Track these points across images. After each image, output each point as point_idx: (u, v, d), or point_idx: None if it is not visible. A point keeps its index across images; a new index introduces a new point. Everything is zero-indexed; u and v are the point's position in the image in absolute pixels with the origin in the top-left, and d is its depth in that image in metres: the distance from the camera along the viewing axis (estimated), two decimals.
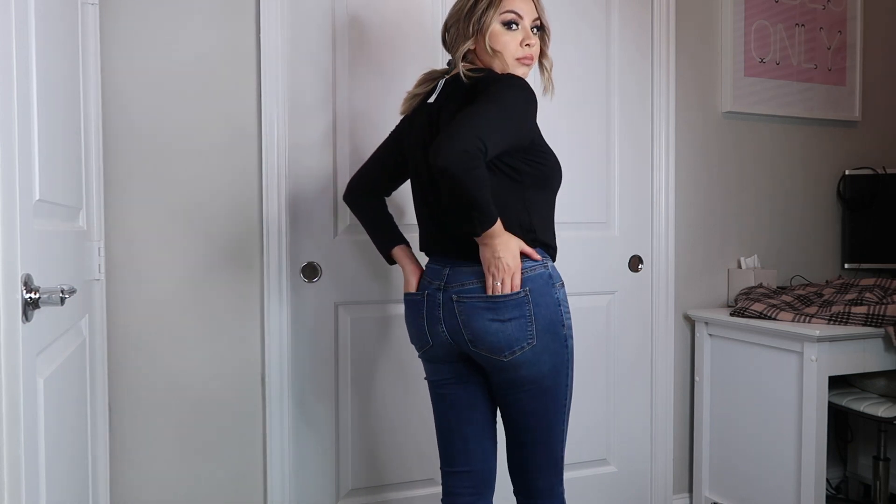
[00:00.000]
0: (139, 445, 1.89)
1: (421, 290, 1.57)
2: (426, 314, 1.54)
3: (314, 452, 2.08)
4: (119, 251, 1.85)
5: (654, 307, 2.46)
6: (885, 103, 2.83)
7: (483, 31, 1.48)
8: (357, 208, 1.76)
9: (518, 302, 1.43)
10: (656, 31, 2.42)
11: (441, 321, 1.51)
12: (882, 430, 2.37)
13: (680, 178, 2.48)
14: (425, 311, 1.54)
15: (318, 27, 2.04)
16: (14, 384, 0.96)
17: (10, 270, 0.95)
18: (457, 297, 1.48)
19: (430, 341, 1.55)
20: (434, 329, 1.53)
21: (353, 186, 1.75)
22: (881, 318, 2.09)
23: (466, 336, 1.48)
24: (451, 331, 1.50)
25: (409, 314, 1.61)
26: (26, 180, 1.05)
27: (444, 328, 1.51)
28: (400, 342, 2.15)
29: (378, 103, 2.10)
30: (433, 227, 1.57)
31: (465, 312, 1.47)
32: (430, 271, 1.57)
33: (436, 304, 1.52)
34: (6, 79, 0.97)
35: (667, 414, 2.49)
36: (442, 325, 1.51)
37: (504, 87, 1.39)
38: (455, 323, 1.49)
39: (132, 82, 1.86)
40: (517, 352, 1.44)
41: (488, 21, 1.48)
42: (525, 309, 1.44)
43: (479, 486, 1.63)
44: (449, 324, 1.50)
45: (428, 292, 1.54)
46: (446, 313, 1.50)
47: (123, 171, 1.85)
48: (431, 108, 1.54)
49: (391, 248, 1.69)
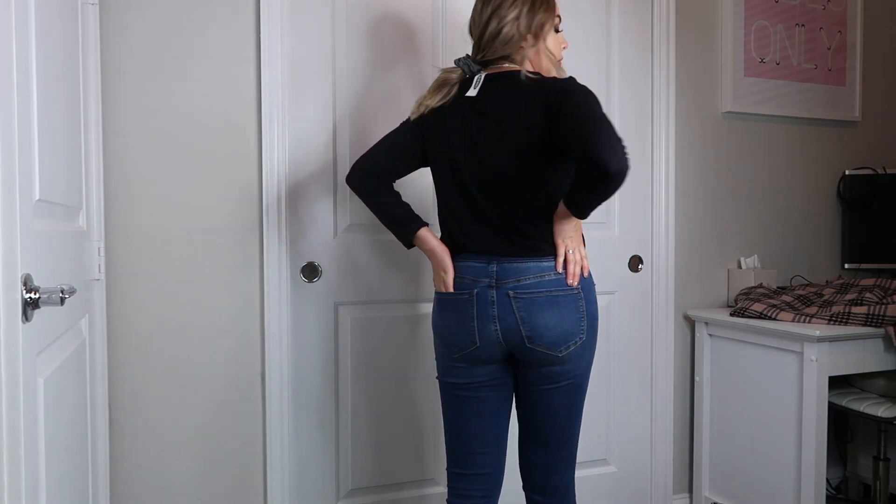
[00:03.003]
0: (139, 445, 1.89)
1: (465, 289, 1.52)
2: (477, 314, 1.50)
3: (314, 452, 2.08)
4: (119, 251, 1.85)
5: (654, 307, 2.46)
6: (885, 103, 2.83)
7: (542, 34, 1.53)
8: (364, 190, 1.62)
9: (574, 297, 1.50)
10: (656, 31, 2.42)
11: (495, 319, 1.49)
12: (882, 430, 2.37)
13: (680, 178, 2.48)
14: (476, 310, 1.50)
15: (319, 26, 2.04)
16: (14, 384, 0.96)
17: (10, 270, 0.95)
18: (514, 294, 1.48)
19: (476, 342, 1.51)
20: (486, 328, 1.50)
21: (360, 166, 1.63)
22: (881, 318, 2.09)
23: (524, 332, 1.48)
24: (505, 329, 1.49)
25: (451, 315, 1.54)
26: (26, 180, 1.05)
27: (498, 326, 1.49)
28: (400, 342, 2.15)
29: (379, 105, 2.10)
30: (473, 223, 1.53)
31: (524, 308, 1.48)
32: (468, 269, 1.53)
33: (488, 303, 1.50)
34: (6, 79, 0.97)
35: (667, 414, 2.49)
36: (495, 324, 1.49)
37: (589, 95, 1.42)
38: (512, 320, 1.48)
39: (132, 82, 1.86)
40: (571, 346, 1.49)
41: (548, 25, 1.54)
42: (579, 304, 1.50)
43: (491, 488, 1.63)
44: (504, 321, 1.49)
45: (477, 290, 1.50)
46: (502, 311, 1.49)
47: (123, 171, 1.85)
48: (475, 102, 1.53)
49: (417, 230, 1.59)
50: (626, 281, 2.43)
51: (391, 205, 1.62)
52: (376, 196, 1.62)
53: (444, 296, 1.57)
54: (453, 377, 1.59)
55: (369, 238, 2.10)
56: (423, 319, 2.17)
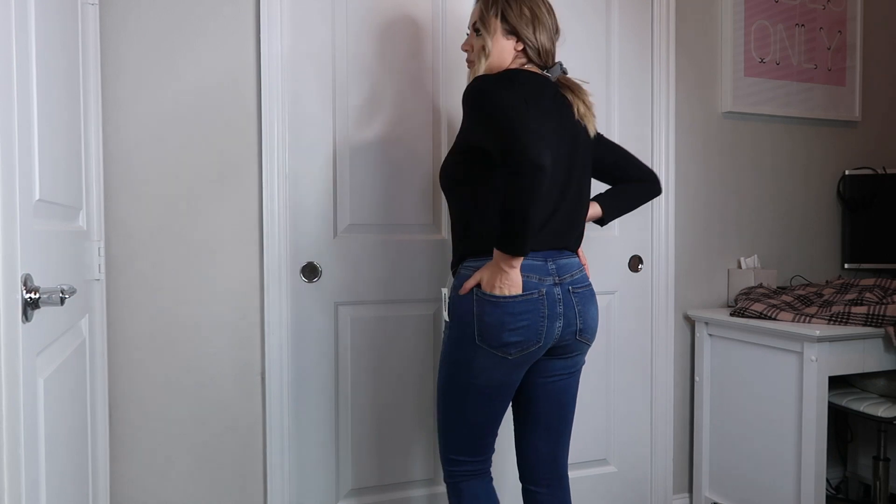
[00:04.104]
0: (139, 445, 1.89)
1: (532, 289, 1.50)
2: (548, 313, 1.51)
3: (314, 452, 2.08)
4: (119, 251, 1.85)
5: (654, 307, 2.46)
6: (885, 103, 2.83)
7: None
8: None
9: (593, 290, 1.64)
10: (656, 31, 2.42)
11: (560, 316, 1.52)
12: (882, 430, 2.37)
13: (680, 178, 2.48)
14: (546, 309, 1.51)
15: (319, 25, 2.04)
16: (14, 384, 0.96)
17: (10, 270, 0.95)
18: (573, 289, 1.55)
19: (540, 341, 1.51)
20: (552, 326, 1.51)
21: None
22: (881, 318, 2.09)
23: (579, 325, 1.56)
24: (566, 324, 1.53)
25: (522, 317, 1.48)
26: (26, 180, 1.05)
27: (561, 323, 1.53)
28: (400, 342, 2.15)
29: (378, 103, 2.10)
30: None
31: (581, 303, 1.56)
32: (530, 267, 1.50)
33: (555, 300, 1.52)
34: (6, 79, 0.97)
35: (667, 414, 2.49)
36: (560, 321, 1.52)
37: None
38: (572, 314, 1.54)
39: (132, 81, 1.86)
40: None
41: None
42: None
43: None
44: (566, 317, 1.53)
45: (545, 290, 1.51)
46: (565, 307, 1.53)
47: (123, 171, 1.85)
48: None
49: None
50: (626, 281, 2.42)
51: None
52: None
53: (509, 299, 1.48)
54: (495, 379, 1.54)
55: (369, 238, 2.10)
56: (423, 319, 2.17)
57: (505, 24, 1.59)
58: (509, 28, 1.60)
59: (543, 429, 1.62)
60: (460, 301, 1.54)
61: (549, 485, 1.64)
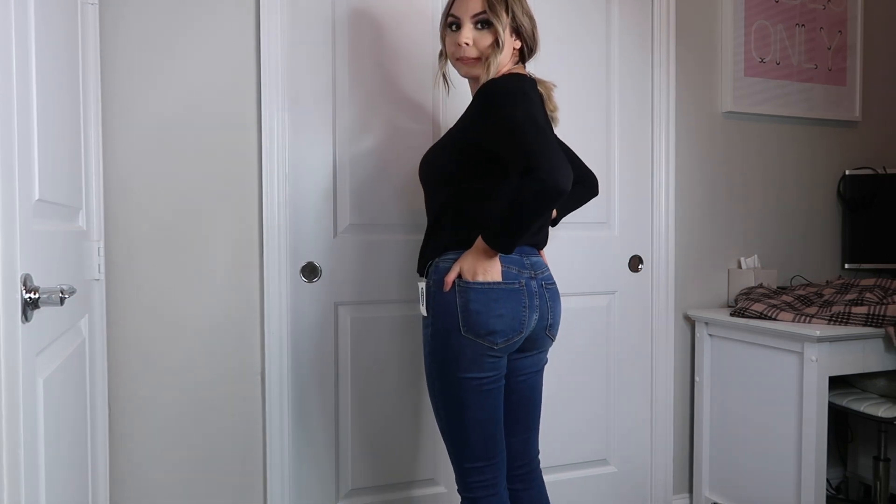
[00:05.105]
0: (139, 445, 1.89)
1: (513, 280, 1.52)
2: (528, 303, 1.54)
3: (314, 452, 2.08)
4: (119, 251, 1.85)
5: (654, 307, 2.46)
6: (885, 103, 2.83)
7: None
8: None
9: None
10: (656, 31, 2.42)
11: (536, 309, 1.56)
12: (882, 431, 2.37)
13: (680, 178, 2.48)
14: (527, 300, 1.54)
15: (319, 26, 2.04)
16: (14, 384, 0.96)
17: (10, 270, 0.95)
18: (545, 285, 1.59)
19: (522, 330, 1.54)
20: (530, 317, 1.55)
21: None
22: (881, 319, 2.09)
23: (549, 320, 1.60)
24: (540, 317, 1.57)
25: (504, 305, 1.51)
26: (26, 180, 1.05)
27: (537, 315, 1.56)
28: (400, 342, 2.15)
29: (378, 103, 2.10)
30: None
31: (552, 298, 1.61)
32: (510, 260, 1.53)
33: (532, 293, 1.55)
34: (6, 79, 0.96)
35: (667, 414, 2.48)
36: (536, 313, 1.56)
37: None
38: (545, 309, 1.58)
39: (132, 82, 1.86)
40: None
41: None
42: None
43: (504, 467, 1.64)
44: (541, 310, 1.57)
45: (524, 281, 1.54)
46: (540, 301, 1.57)
47: (123, 171, 1.85)
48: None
49: None
50: (626, 281, 2.42)
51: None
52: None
53: (493, 285, 1.50)
54: (486, 371, 1.54)
55: (369, 238, 2.10)
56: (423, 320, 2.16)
57: (513, 22, 1.55)
58: (515, 25, 1.56)
59: (519, 425, 1.66)
60: (442, 294, 1.52)
61: (524, 479, 1.67)
